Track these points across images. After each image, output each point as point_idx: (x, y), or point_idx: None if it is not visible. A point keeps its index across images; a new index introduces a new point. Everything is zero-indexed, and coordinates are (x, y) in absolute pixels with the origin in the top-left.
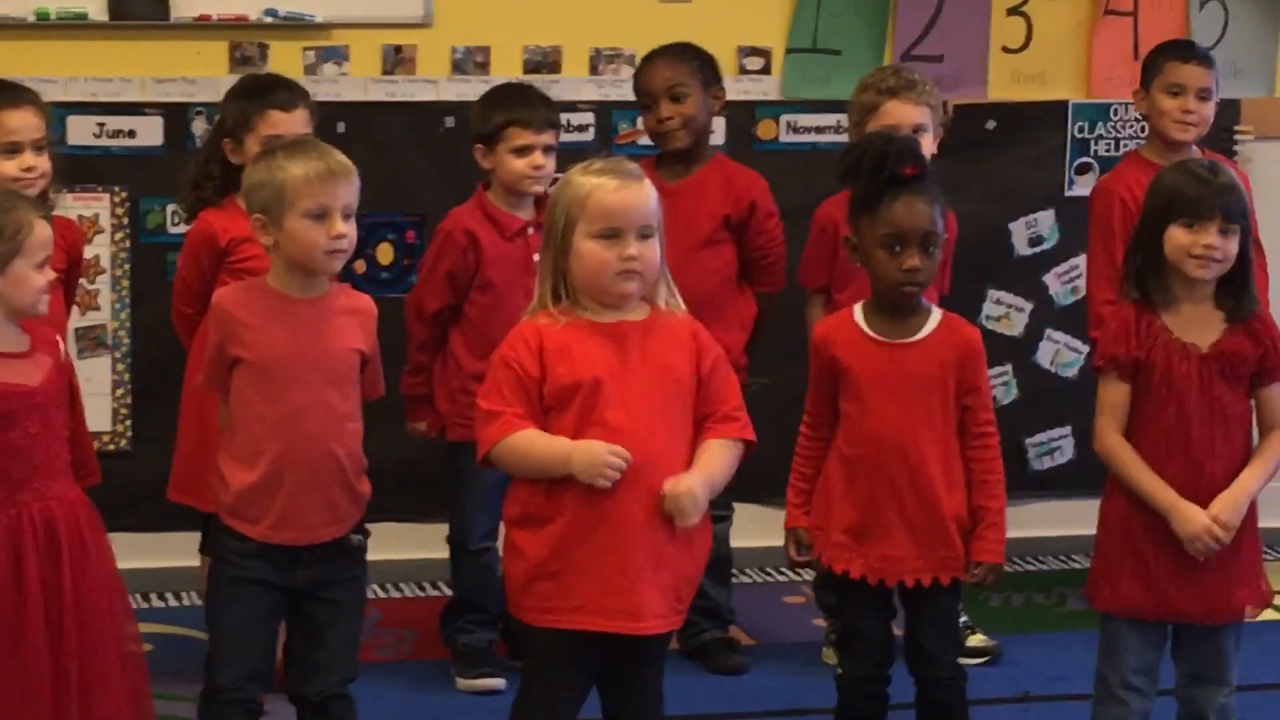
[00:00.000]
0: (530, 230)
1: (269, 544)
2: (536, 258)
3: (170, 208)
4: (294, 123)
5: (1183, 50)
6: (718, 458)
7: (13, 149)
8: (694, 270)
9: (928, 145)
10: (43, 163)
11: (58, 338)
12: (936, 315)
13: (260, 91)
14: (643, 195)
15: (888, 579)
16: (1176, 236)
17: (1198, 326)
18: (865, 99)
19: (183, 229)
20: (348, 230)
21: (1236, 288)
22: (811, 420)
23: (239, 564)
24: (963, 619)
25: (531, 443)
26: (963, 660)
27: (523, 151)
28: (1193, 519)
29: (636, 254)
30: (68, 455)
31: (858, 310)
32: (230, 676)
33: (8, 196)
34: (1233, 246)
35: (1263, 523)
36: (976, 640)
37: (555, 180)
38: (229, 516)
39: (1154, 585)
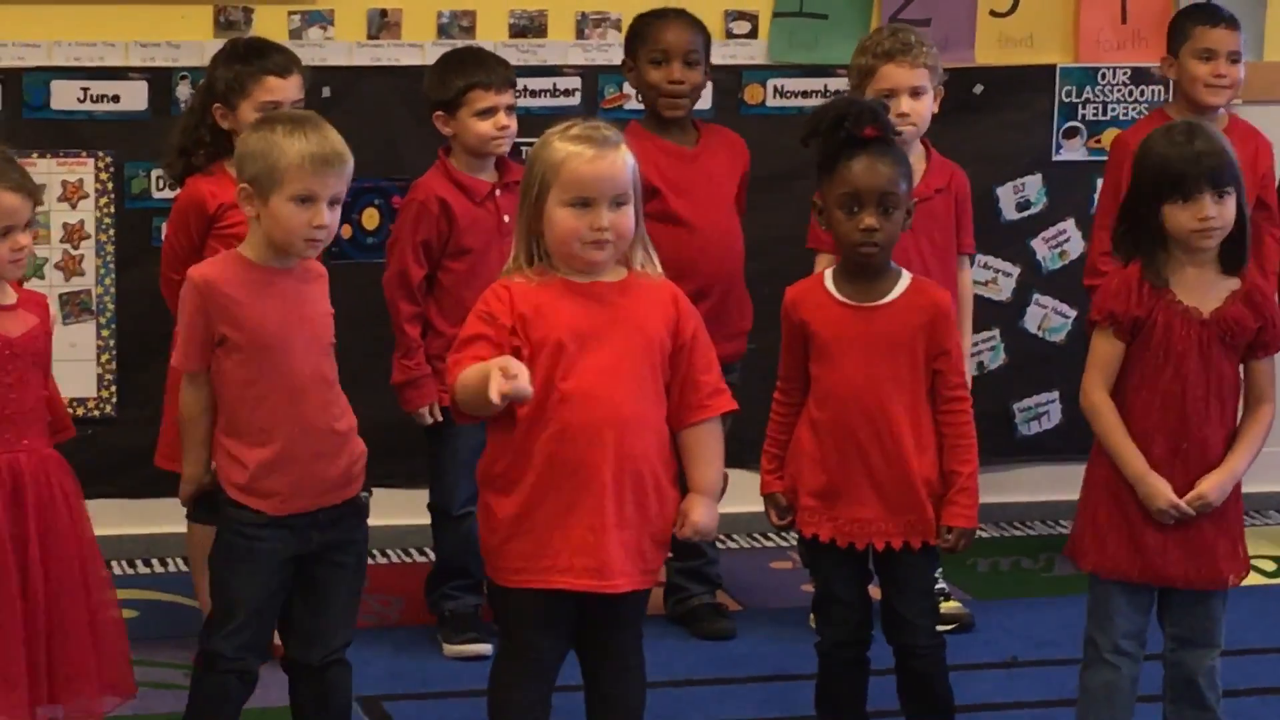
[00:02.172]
0: (498, 192)
1: (284, 515)
2: (507, 219)
3: (155, 173)
4: (289, 88)
5: (1210, 14)
6: (715, 459)
7: None
8: (733, 229)
9: (926, 107)
10: None
11: (50, 304)
12: (906, 278)
13: (255, 55)
14: (618, 164)
15: (858, 542)
16: (1174, 215)
17: (1201, 292)
18: (862, 62)
19: (168, 194)
20: (331, 220)
21: (1236, 244)
22: (784, 385)
23: (255, 535)
24: (939, 585)
25: (467, 374)
26: None
27: (486, 114)
28: (1158, 494)
29: (608, 224)
30: (44, 416)
31: (828, 275)
32: (232, 646)
33: None
34: (1230, 211)
35: (1246, 488)
36: (949, 607)
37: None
38: (242, 494)
39: (1141, 548)
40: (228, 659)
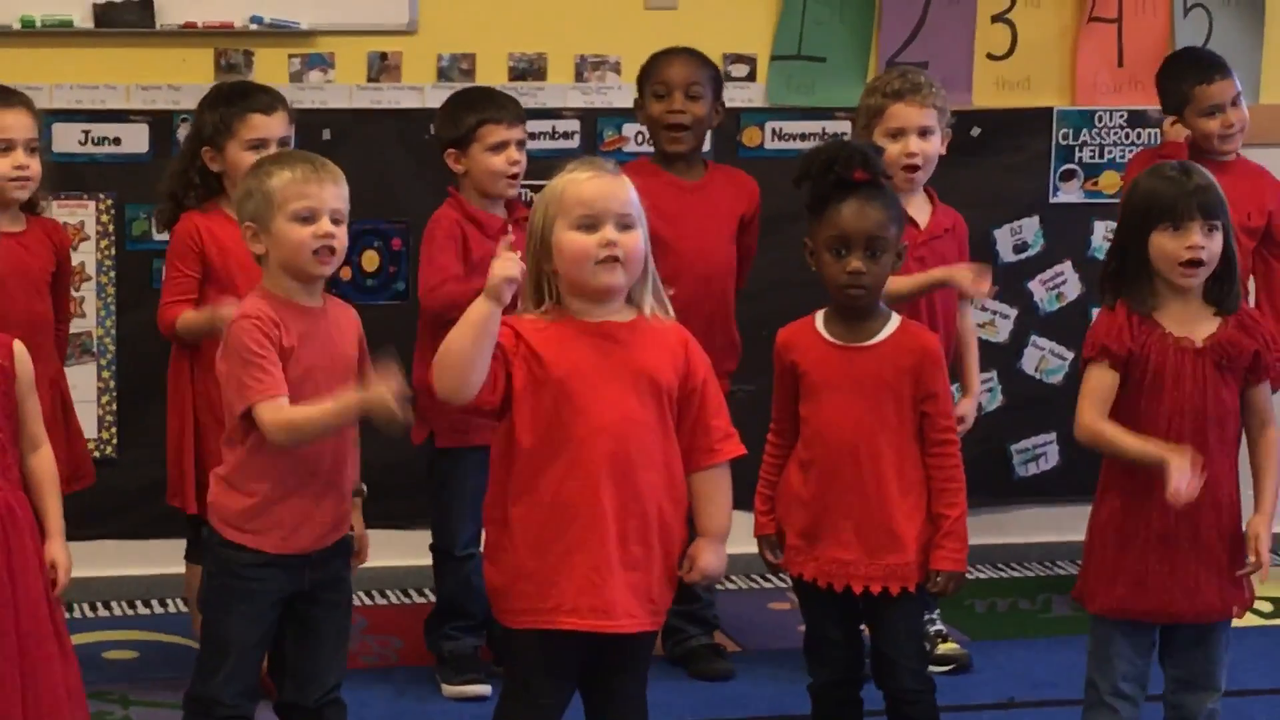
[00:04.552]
0: (510, 228)
1: (282, 553)
2: (520, 254)
3: None
4: (275, 125)
5: (1204, 70)
6: (724, 503)
7: (6, 147)
8: (721, 261)
9: (934, 147)
10: (34, 165)
11: (15, 344)
12: (895, 321)
13: (238, 96)
14: (619, 185)
15: (836, 583)
16: (1161, 243)
17: (1190, 323)
18: (871, 102)
19: (168, 236)
20: (338, 233)
21: (1224, 283)
22: (776, 426)
23: (253, 576)
24: (937, 626)
25: (453, 329)
26: (932, 669)
27: (499, 148)
28: (1184, 471)
29: (616, 239)
30: (1, 459)
31: (819, 316)
32: (230, 693)
33: None
34: (1216, 245)
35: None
36: (947, 648)
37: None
38: (236, 532)
39: (1147, 588)
40: (226, 706)
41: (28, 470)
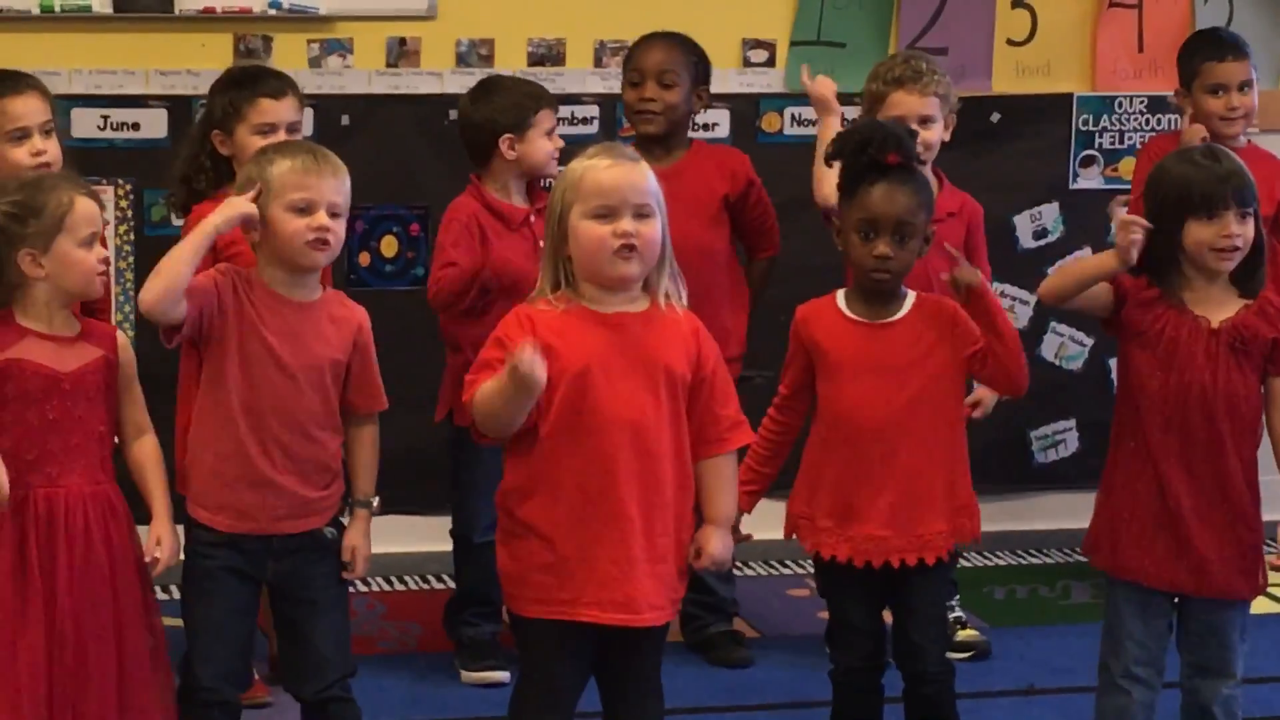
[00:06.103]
0: (533, 218)
1: (236, 534)
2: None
3: None
4: (284, 110)
5: (1217, 47)
6: (731, 491)
7: (21, 135)
8: (701, 251)
9: (936, 135)
10: (52, 147)
11: (119, 335)
12: (912, 296)
13: (249, 81)
14: (638, 173)
15: (874, 560)
16: (1196, 232)
17: (1211, 305)
18: (874, 88)
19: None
20: (334, 226)
21: (1251, 267)
22: (783, 403)
23: (209, 554)
24: (956, 613)
25: (485, 387)
26: (951, 655)
27: (551, 132)
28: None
29: (633, 230)
30: (100, 451)
31: (839, 295)
32: (207, 675)
33: (48, 177)
34: (1250, 231)
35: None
36: (966, 635)
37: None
38: (194, 506)
39: (1153, 554)
40: (206, 690)
41: (133, 456)
